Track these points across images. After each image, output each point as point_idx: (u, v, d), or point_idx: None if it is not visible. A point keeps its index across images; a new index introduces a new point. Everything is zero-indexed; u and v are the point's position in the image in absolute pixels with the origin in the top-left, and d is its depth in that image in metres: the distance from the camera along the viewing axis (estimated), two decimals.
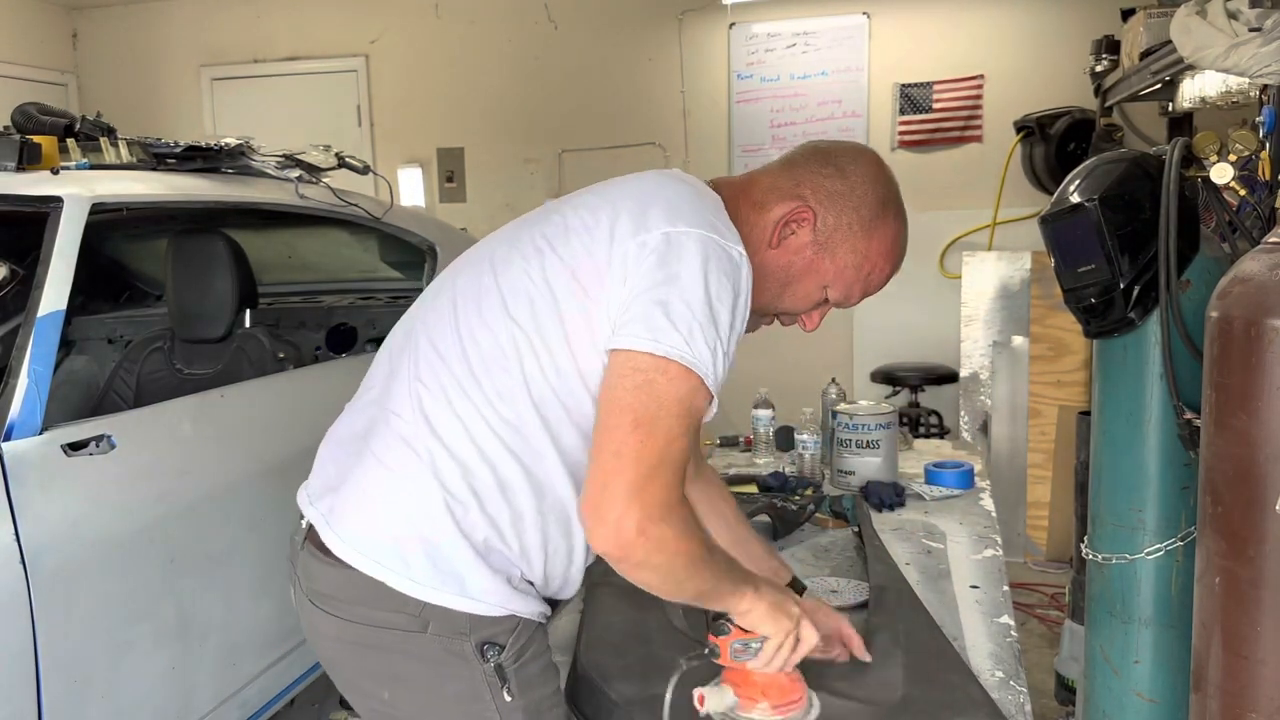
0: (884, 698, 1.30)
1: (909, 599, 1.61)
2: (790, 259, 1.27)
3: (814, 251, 1.27)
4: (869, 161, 1.30)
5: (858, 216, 1.26)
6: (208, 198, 2.48)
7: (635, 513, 1.03)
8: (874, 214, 1.27)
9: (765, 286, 1.27)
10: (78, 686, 1.76)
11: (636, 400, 1.06)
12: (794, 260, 1.27)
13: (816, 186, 1.26)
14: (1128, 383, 1.52)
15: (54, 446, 1.79)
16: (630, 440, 1.05)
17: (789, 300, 1.31)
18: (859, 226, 1.26)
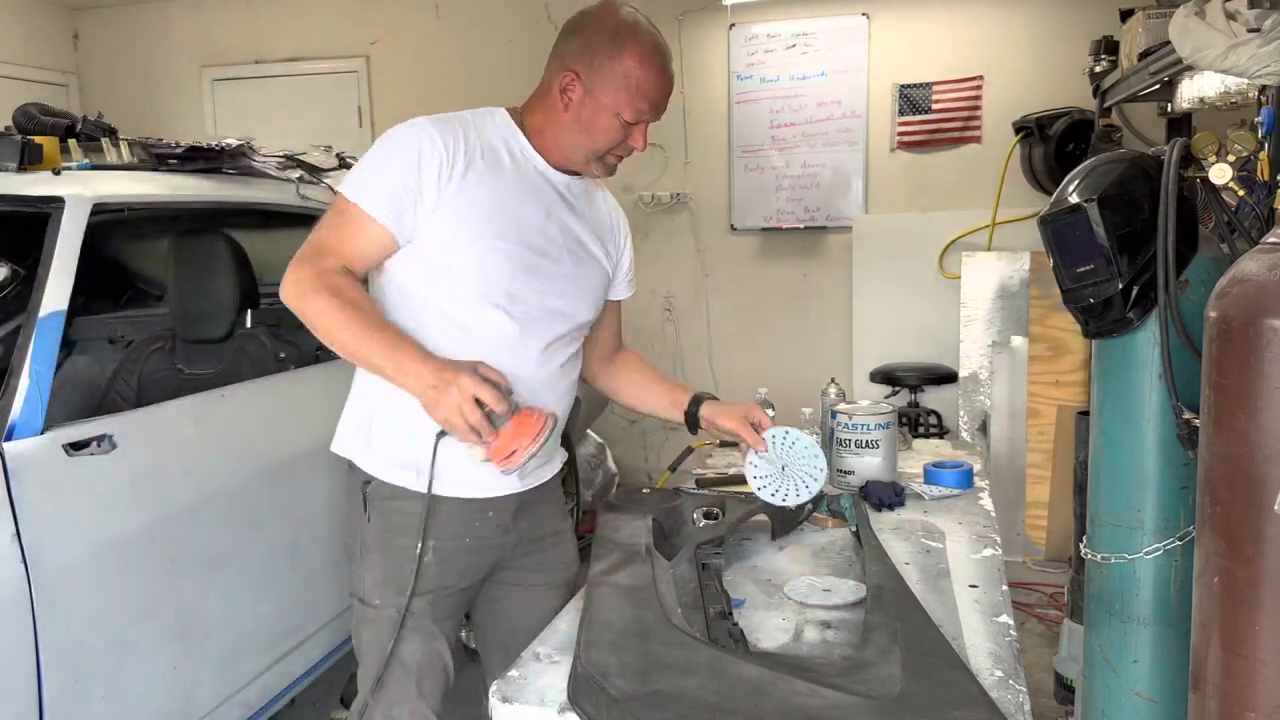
0: (882, 692, 1.30)
1: (906, 598, 1.61)
2: (578, 111, 1.61)
3: (588, 96, 1.59)
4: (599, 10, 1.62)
5: (603, 54, 1.58)
6: (209, 198, 2.48)
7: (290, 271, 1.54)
8: (611, 40, 1.58)
9: (578, 141, 1.63)
10: (79, 686, 1.76)
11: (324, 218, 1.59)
12: (581, 111, 1.61)
13: (569, 54, 1.61)
14: (1126, 383, 1.53)
15: (55, 446, 1.80)
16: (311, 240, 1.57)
17: (600, 138, 1.62)
18: (606, 58, 1.58)
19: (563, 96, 1.61)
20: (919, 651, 1.41)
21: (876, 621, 1.52)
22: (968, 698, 1.28)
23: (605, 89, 1.59)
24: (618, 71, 1.58)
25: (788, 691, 1.31)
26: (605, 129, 1.61)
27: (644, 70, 1.59)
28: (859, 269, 4.89)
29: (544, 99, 1.67)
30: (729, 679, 1.35)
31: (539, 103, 1.68)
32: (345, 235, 1.55)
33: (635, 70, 1.58)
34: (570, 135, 1.63)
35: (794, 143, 5.02)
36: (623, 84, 1.58)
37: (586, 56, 1.59)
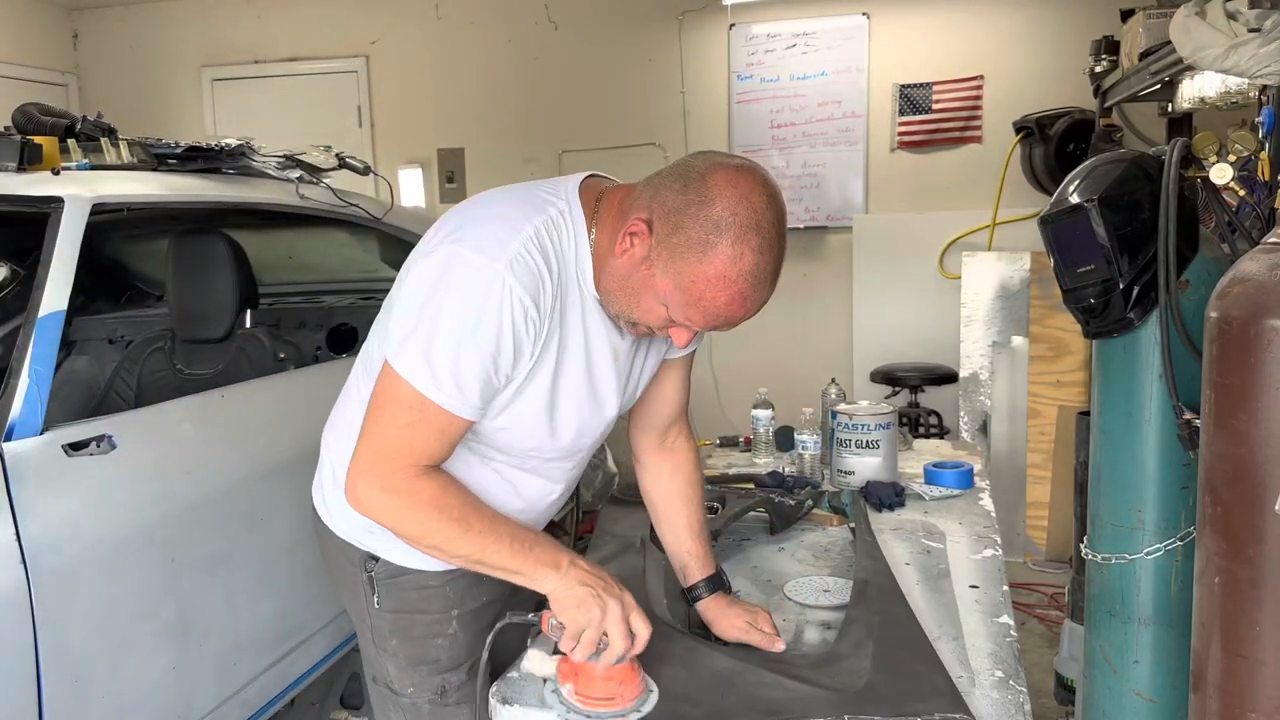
0: (849, 685, 1.31)
1: (890, 593, 1.62)
2: (629, 270, 1.26)
3: (647, 267, 1.24)
4: (720, 180, 1.20)
5: (685, 237, 1.20)
6: (208, 198, 2.48)
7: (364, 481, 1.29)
8: (703, 237, 1.19)
9: (615, 294, 1.30)
10: (78, 686, 1.76)
11: (379, 391, 1.29)
12: (632, 273, 1.26)
13: (662, 200, 1.23)
14: (1127, 383, 1.53)
15: (55, 446, 1.80)
16: (368, 422, 1.30)
17: (638, 311, 1.30)
18: (688, 247, 1.20)
19: (624, 239, 1.25)
20: (892, 645, 1.42)
21: (856, 615, 1.53)
22: (932, 690, 1.30)
23: (666, 274, 1.22)
24: (689, 270, 1.20)
25: (754, 683, 1.33)
26: (646, 308, 1.28)
27: (718, 292, 1.21)
28: (859, 269, 4.89)
29: (617, 220, 1.29)
30: (699, 670, 1.37)
31: (612, 219, 1.30)
32: (428, 437, 1.26)
33: (709, 285, 1.20)
34: (611, 282, 1.29)
35: (794, 143, 5.02)
36: (687, 285, 1.21)
37: (671, 221, 1.21)
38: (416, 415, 1.25)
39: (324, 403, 1.63)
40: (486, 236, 1.24)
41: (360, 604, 1.51)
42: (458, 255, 1.24)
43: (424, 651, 1.49)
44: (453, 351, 1.22)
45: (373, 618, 1.50)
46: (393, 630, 1.49)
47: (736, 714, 1.27)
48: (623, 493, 2.19)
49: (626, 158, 5.12)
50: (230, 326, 2.72)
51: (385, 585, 1.48)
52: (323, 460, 1.57)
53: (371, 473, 1.27)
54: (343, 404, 1.54)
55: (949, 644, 1.49)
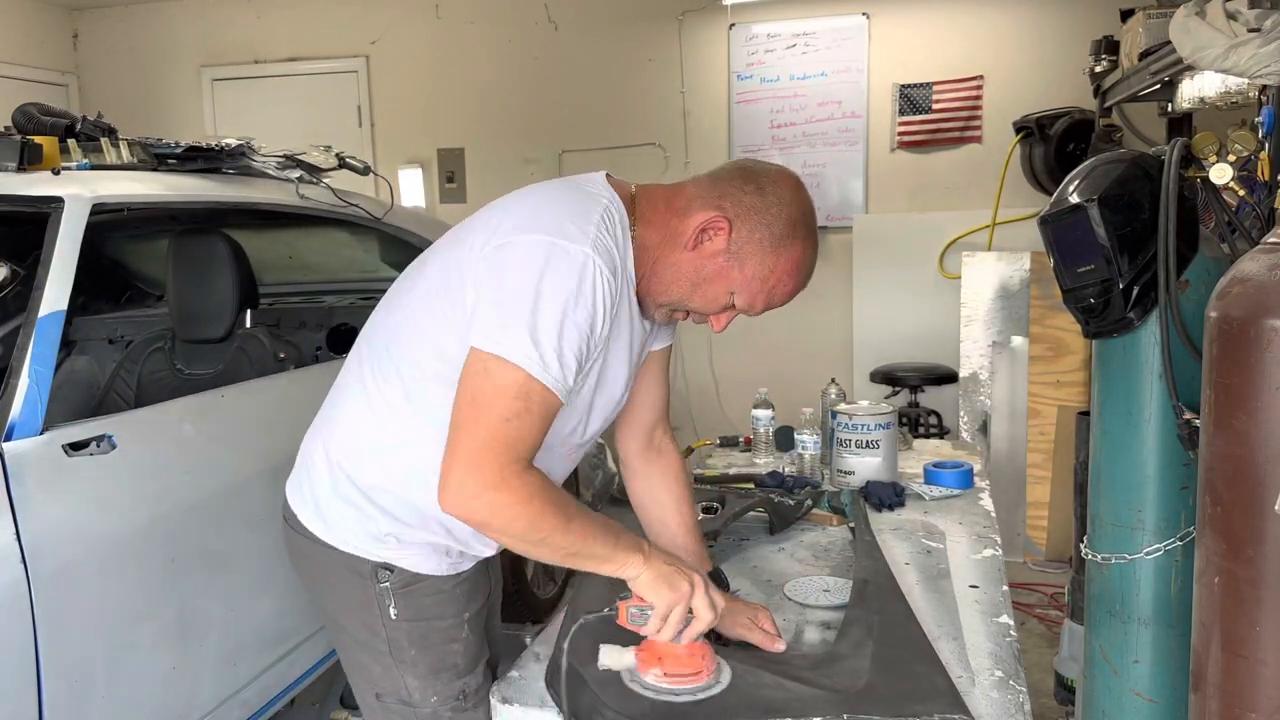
0: (849, 685, 1.32)
1: (890, 593, 1.62)
2: (703, 262, 1.38)
3: (726, 259, 1.37)
4: (788, 184, 1.40)
5: (769, 233, 1.36)
6: (208, 198, 2.48)
7: (471, 479, 1.22)
8: (785, 232, 1.37)
9: (677, 283, 1.40)
10: (78, 686, 1.76)
11: (474, 386, 1.24)
12: (706, 264, 1.38)
13: (736, 200, 1.37)
14: (1127, 383, 1.53)
15: (55, 446, 1.80)
16: (466, 418, 1.23)
17: (698, 300, 1.41)
18: (769, 242, 1.37)
19: (699, 234, 1.37)
20: (891, 645, 1.42)
21: (856, 616, 1.54)
22: (932, 691, 1.30)
23: (747, 265, 1.37)
24: (770, 261, 1.37)
25: (754, 684, 1.34)
26: (712, 296, 1.40)
27: (790, 280, 1.40)
28: (859, 269, 4.89)
29: (670, 218, 1.39)
30: None
31: (661, 216, 1.39)
32: (534, 426, 1.25)
33: (785, 274, 1.39)
34: (675, 274, 1.39)
35: (794, 143, 5.02)
36: (765, 275, 1.38)
37: (753, 219, 1.36)
38: (524, 404, 1.23)
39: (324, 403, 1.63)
40: (566, 222, 1.29)
41: (371, 618, 1.45)
42: (545, 241, 1.26)
43: (443, 658, 1.47)
44: (557, 332, 1.24)
45: (389, 630, 1.45)
46: (411, 640, 1.45)
47: (737, 713, 1.27)
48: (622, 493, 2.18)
49: (626, 158, 5.12)
50: (230, 326, 2.72)
51: (401, 595, 1.44)
52: (315, 471, 1.48)
53: (481, 469, 1.22)
54: (344, 408, 1.47)
55: (949, 644, 1.49)
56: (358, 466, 1.42)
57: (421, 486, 1.35)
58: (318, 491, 1.47)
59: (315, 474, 1.48)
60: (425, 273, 1.42)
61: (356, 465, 1.42)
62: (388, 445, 1.40)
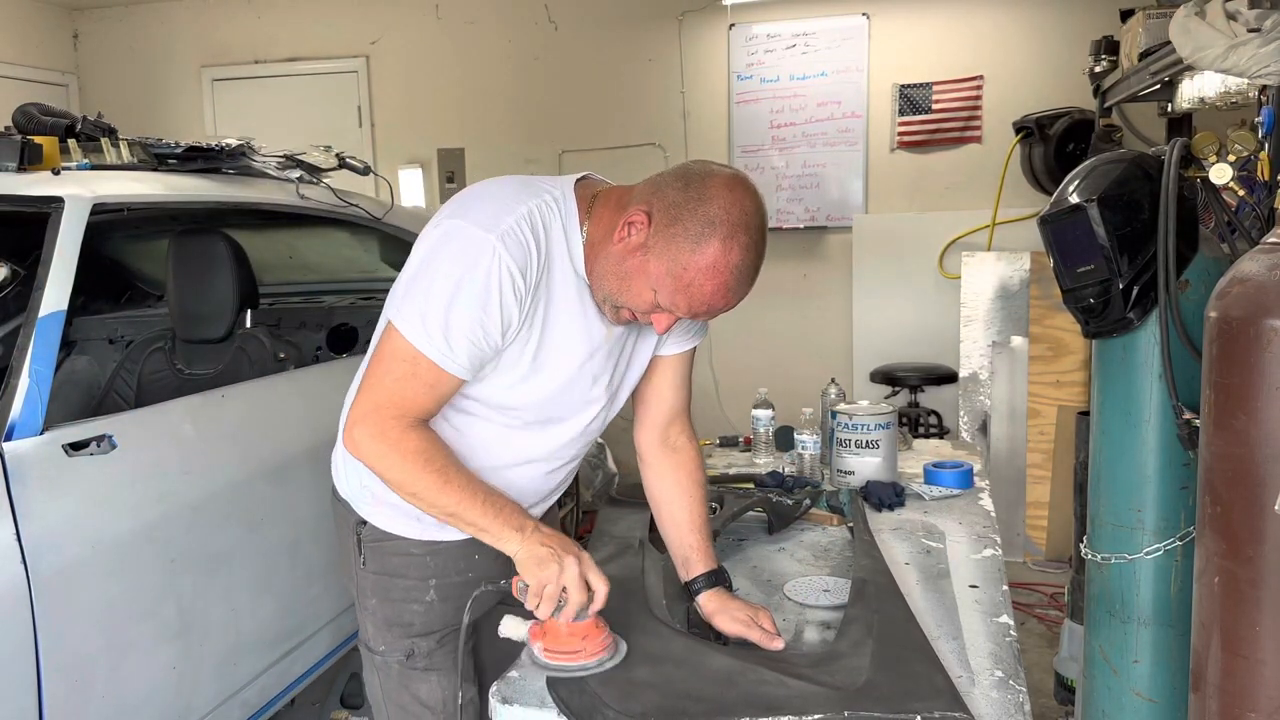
0: (848, 683, 1.32)
1: (889, 592, 1.62)
2: (625, 256, 1.40)
3: (643, 254, 1.38)
4: (725, 183, 1.36)
5: (683, 229, 1.34)
6: (208, 198, 2.48)
7: (361, 426, 1.40)
8: (703, 230, 1.34)
9: (606, 278, 1.43)
10: (78, 686, 1.76)
11: (379, 347, 1.42)
12: (627, 258, 1.39)
13: (663, 196, 1.38)
14: (1127, 383, 1.53)
15: (55, 446, 1.80)
16: (368, 374, 1.42)
17: (627, 296, 1.42)
18: (685, 239, 1.34)
19: (624, 229, 1.38)
20: (891, 644, 1.43)
21: (855, 614, 1.54)
22: (931, 690, 1.30)
23: (660, 261, 1.36)
24: (685, 259, 1.34)
25: (755, 681, 1.34)
26: (637, 292, 1.40)
27: (708, 280, 1.35)
28: (859, 269, 4.89)
29: (613, 212, 1.43)
30: (700, 669, 1.38)
31: (608, 215, 1.43)
32: (419, 391, 1.38)
33: (699, 274, 1.34)
34: (604, 268, 1.41)
35: (794, 143, 5.02)
36: (679, 272, 1.35)
37: (670, 214, 1.35)
38: (410, 369, 1.37)
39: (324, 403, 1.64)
40: (484, 212, 1.38)
41: (349, 564, 1.63)
42: (457, 227, 1.37)
43: (398, 614, 1.59)
44: (445, 311, 1.34)
45: (358, 577, 1.61)
46: (374, 590, 1.60)
47: (737, 710, 1.27)
48: (622, 493, 2.19)
49: (626, 158, 5.12)
50: (230, 326, 2.72)
51: (371, 548, 1.59)
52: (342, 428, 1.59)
53: (366, 420, 1.40)
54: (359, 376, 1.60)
55: (949, 644, 1.49)
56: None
57: None
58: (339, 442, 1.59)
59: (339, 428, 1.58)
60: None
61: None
62: None
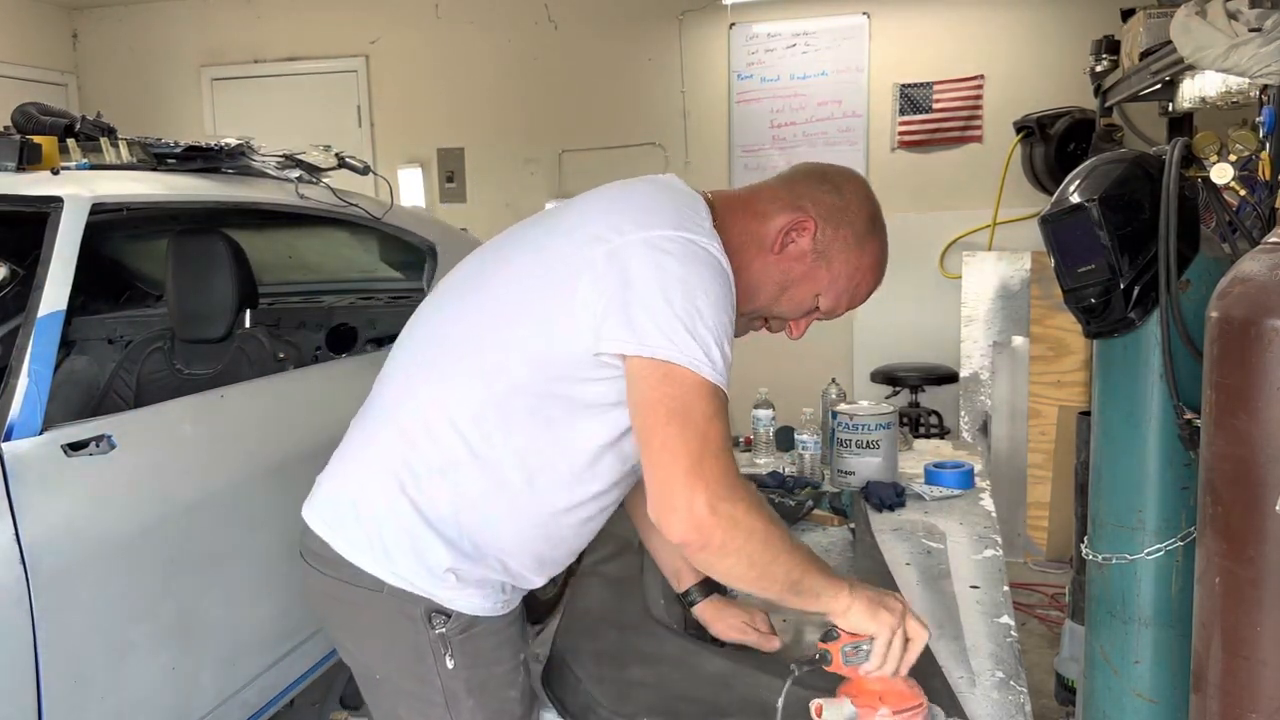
0: None
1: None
2: (790, 265, 1.35)
3: (813, 260, 1.35)
4: (861, 183, 1.43)
5: (852, 231, 1.37)
6: (208, 198, 2.48)
7: (701, 493, 1.10)
8: (866, 230, 1.38)
9: (763, 289, 1.35)
10: (78, 686, 1.76)
11: (661, 394, 1.13)
12: (793, 266, 1.35)
13: (817, 200, 1.36)
14: (1127, 383, 1.52)
15: (54, 447, 1.79)
16: (670, 431, 1.12)
17: (784, 304, 1.38)
18: (853, 240, 1.37)
19: (784, 236, 1.33)
20: None
21: None
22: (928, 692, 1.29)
23: (834, 264, 1.36)
24: (855, 260, 1.37)
25: (750, 684, 1.34)
26: (799, 300, 1.37)
27: (871, 276, 1.40)
28: None
29: (751, 221, 1.35)
30: (696, 670, 1.37)
31: (740, 220, 1.34)
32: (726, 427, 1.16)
33: (868, 271, 1.39)
34: (763, 278, 1.35)
35: (794, 142, 5.02)
36: (851, 273, 1.37)
37: (836, 219, 1.35)
38: (715, 406, 1.14)
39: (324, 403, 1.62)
40: (684, 219, 1.24)
41: (424, 668, 1.29)
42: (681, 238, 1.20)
43: (502, 707, 1.33)
44: (717, 329, 1.17)
45: (445, 680, 1.29)
46: (469, 690, 1.30)
47: (732, 712, 1.27)
48: None
49: (626, 158, 5.11)
50: (230, 326, 2.72)
51: (459, 641, 1.28)
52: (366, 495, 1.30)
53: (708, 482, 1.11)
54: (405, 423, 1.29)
55: (949, 644, 1.49)
56: (421, 489, 1.26)
57: (489, 514, 1.26)
58: (368, 518, 1.29)
59: (366, 498, 1.30)
60: (506, 275, 1.30)
61: (420, 488, 1.26)
62: (460, 464, 1.25)
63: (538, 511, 1.28)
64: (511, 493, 1.25)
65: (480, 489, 1.25)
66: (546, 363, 1.21)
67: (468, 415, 1.24)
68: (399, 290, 3.43)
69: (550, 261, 1.25)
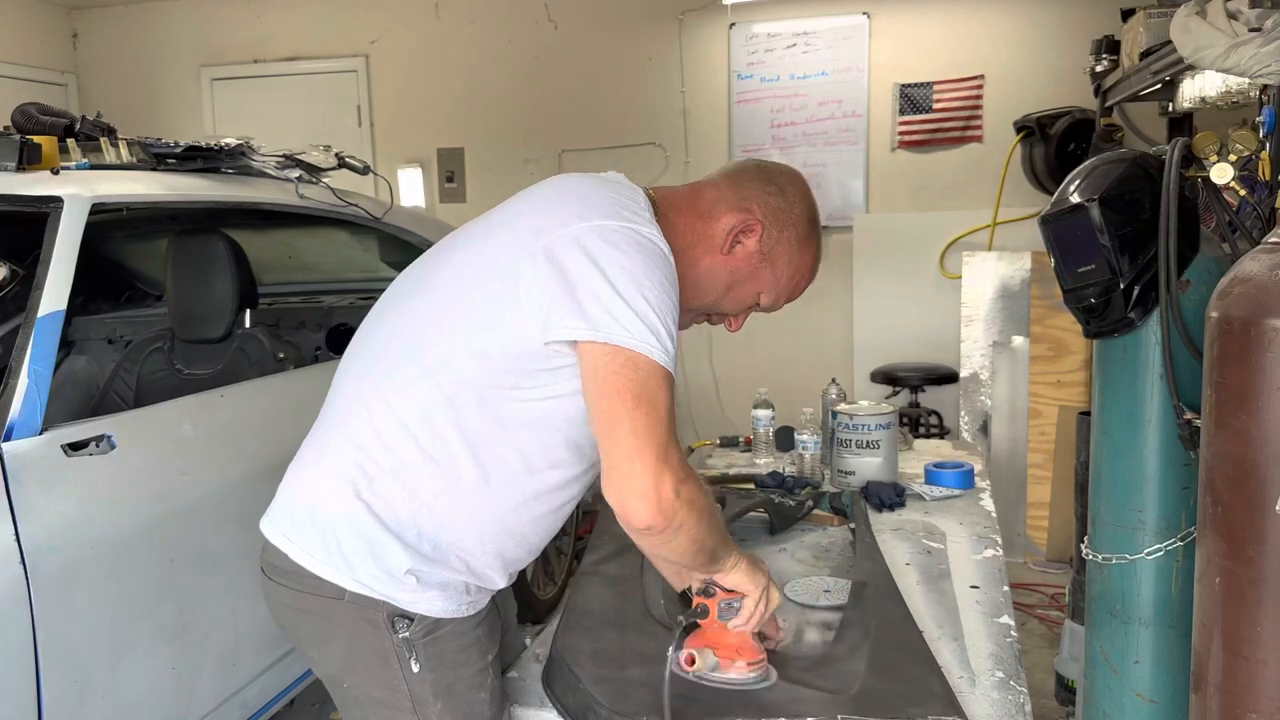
0: (843, 688, 1.32)
1: (889, 595, 1.62)
2: (738, 265, 1.39)
3: (758, 261, 1.40)
4: (802, 183, 1.47)
5: (795, 233, 1.42)
6: (208, 198, 2.48)
7: (668, 478, 1.14)
8: (807, 232, 1.44)
9: (710, 287, 1.39)
10: (78, 686, 1.76)
11: (622, 381, 1.15)
12: (740, 266, 1.39)
13: (763, 202, 1.40)
14: (1128, 383, 1.52)
15: (54, 447, 1.79)
16: (637, 416, 1.14)
17: (729, 302, 1.43)
18: (796, 241, 1.42)
19: (731, 236, 1.37)
20: (888, 648, 1.43)
21: (853, 618, 1.54)
22: (926, 693, 1.30)
23: (777, 265, 1.41)
24: (797, 260, 1.43)
25: None
26: (742, 297, 1.42)
27: (810, 275, 1.48)
28: (860, 269, 4.88)
29: (697, 220, 1.37)
30: None
31: (688, 220, 1.37)
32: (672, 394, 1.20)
33: (808, 271, 1.46)
34: (711, 278, 1.38)
35: (794, 142, 5.02)
36: (792, 274, 1.44)
37: (781, 220, 1.40)
38: (668, 390, 1.17)
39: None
40: (624, 209, 1.26)
41: (389, 673, 1.28)
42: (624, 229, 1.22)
43: (471, 709, 1.32)
44: (664, 315, 1.19)
45: (411, 685, 1.28)
46: (436, 693, 1.29)
47: (731, 712, 1.27)
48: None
49: (626, 158, 5.11)
50: (230, 326, 2.72)
51: (423, 645, 1.28)
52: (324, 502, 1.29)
53: (671, 465, 1.15)
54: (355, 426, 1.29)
55: (949, 644, 1.49)
56: (375, 492, 1.25)
57: (446, 514, 1.25)
58: (325, 525, 1.28)
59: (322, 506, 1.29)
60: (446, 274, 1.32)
61: (374, 491, 1.25)
62: (412, 465, 1.25)
63: (495, 508, 1.28)
64: (466, 490, 1.25)
65: (434, 489, 1.25)
66: (493, 356, 1.22)
67: (416, 414, 1.24)
68: None
69: (490, 256, 1.26)
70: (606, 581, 1.69)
